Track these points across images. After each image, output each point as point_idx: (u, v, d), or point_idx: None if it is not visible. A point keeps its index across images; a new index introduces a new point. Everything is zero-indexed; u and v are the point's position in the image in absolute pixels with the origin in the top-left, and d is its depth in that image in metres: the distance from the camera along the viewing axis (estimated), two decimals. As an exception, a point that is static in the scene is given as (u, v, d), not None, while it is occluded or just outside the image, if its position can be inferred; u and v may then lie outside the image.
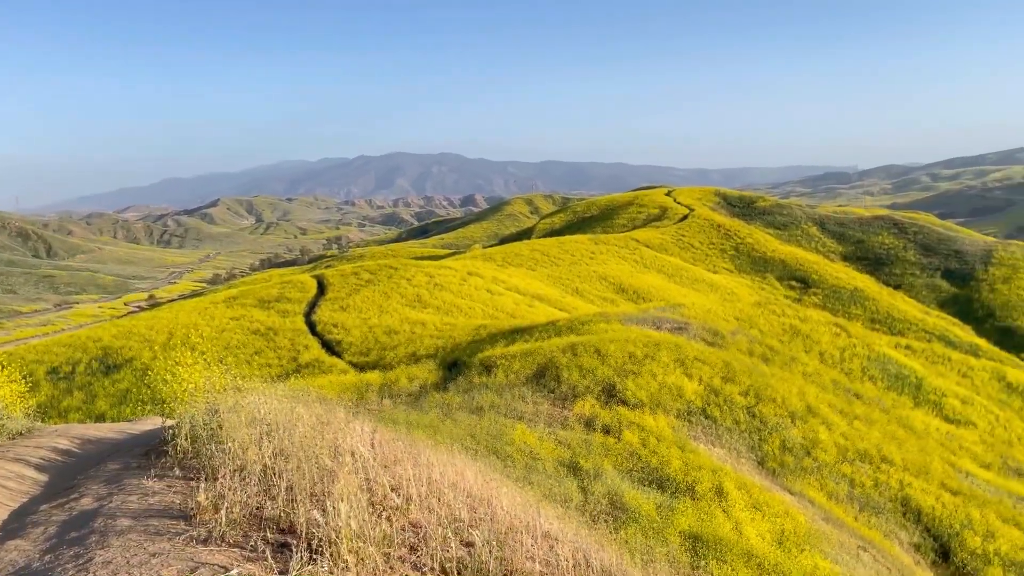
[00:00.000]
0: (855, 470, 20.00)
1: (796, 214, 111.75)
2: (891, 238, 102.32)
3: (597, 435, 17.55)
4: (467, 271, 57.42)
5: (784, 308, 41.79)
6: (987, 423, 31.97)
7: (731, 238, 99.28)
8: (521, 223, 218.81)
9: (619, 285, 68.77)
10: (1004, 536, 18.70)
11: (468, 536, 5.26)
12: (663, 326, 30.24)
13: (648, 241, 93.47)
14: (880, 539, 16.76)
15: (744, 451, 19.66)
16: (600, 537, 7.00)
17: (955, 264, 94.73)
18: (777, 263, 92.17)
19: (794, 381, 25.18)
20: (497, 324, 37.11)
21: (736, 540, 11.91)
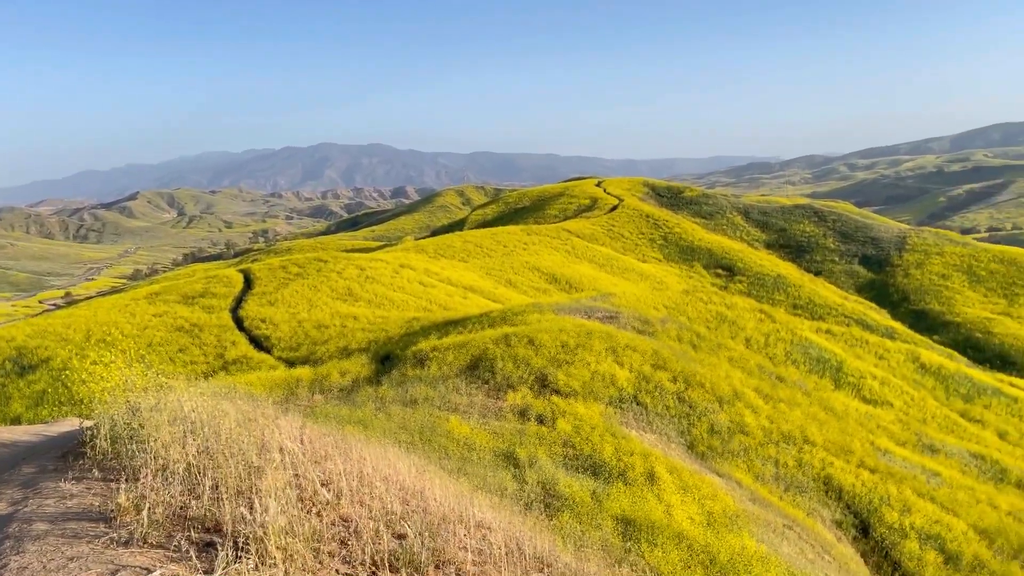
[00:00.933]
0: (780, 451, 20.63)
1: (722, 204, 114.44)
2: (812, 226, 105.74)
3: (531, 425, 17.65)
4: (399, 263, 56.96)
5: (711, 295, 42.77)
6: (903, 403, 33.41)
7: (660, 228, 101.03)
8: (453, 214, 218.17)
9: (552, 275, 69.27)
10: (919, 510, 19.59)
11: (400, 528, 5.23)
12: (595, 315, 30.58)
13: (579, 231, 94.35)
14: (804, 517, 17.35)
15: (674, 436, 20.06)
16: (534, 525, 7.04)
17: (871, 251, 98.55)
18: (704, 252, 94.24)
19: (721, 366, 25.81)
20: (430, 316, 36.94)
21: (667, 523, 12.16)
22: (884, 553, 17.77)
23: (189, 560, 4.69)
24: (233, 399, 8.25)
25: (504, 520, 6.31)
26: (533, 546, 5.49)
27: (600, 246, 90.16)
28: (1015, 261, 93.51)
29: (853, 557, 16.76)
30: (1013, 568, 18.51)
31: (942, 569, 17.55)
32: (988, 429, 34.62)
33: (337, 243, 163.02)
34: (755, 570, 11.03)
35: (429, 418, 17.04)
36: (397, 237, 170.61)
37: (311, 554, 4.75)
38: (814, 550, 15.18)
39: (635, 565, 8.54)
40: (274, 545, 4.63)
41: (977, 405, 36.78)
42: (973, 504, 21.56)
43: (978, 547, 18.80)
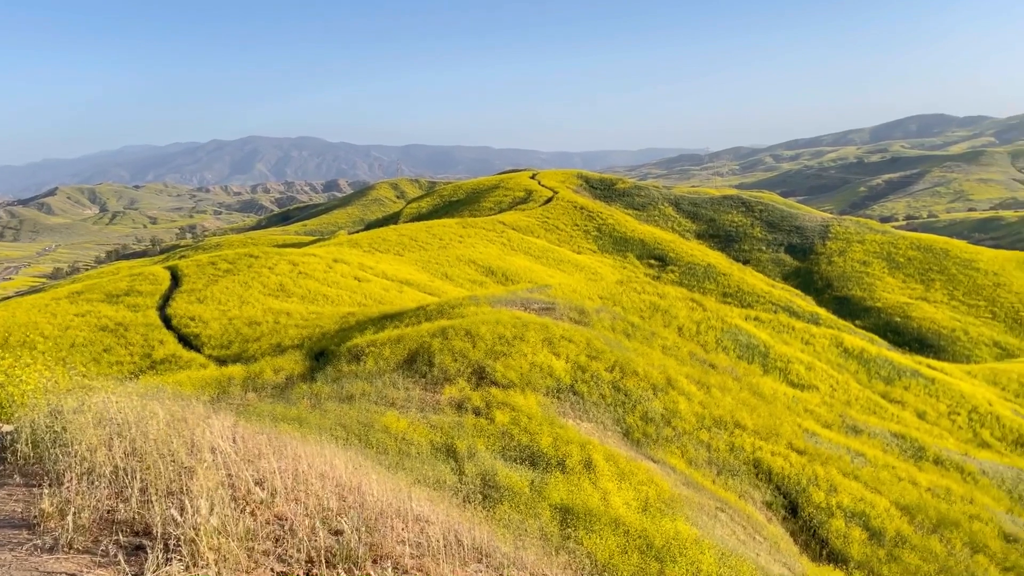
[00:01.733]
0: (712, 436, 21.14)
1: (653, 195, 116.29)
2: (740, 216, 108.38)
3: (469, 417, 17.68)
4: (333, 258, 56.18)
5: (644, 285, 43.49)
6: (828, 386, 34.59)
7: (594, 219, 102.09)
8: (387, 208, 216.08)
9: (488, 268, 69.35)
10: (845, 490, 20.33)
11: (337, 524, 5.19)
12: (532, 307, 30.75)
13: (515, 224, 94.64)
14: (736, 499, 17.83)
15: (610, 424, 20.36)
16: (473, 516, 7.07)
17: (797, 239, 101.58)
18: (637, 242, 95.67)
19: (655, 355, 26.28)
20: (366, 311, 36.56)
21: (604, 509, 12.35)
22: (812, 532, 18.40)
23: (117, 564, 4.57)
24: (162, 399, 8.04)
25: (443, 513, 6.32)
26: (472, 537, 5.52)
27: (536, 238, 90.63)
28: (931, 248, 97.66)
29: (783, 536, 17.31)
30: (932, 542, 19.39)
31: (867, 545, 18.27)
32: (908, 409, 36.15)
33: (268, 238, 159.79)
34: (689, 552, 11.30)
35: (366, 414, 16.90)
36: (330, 231, 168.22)
37: (245, 553, 4.68)
38: (745, 531, 15.63)
39: (573, 552, 8.67)
40: (206, 546, 4.54)
41: (897, 387, 38.34)
42: (895, 482, 22.48)
43: (900, 523, 19.63)
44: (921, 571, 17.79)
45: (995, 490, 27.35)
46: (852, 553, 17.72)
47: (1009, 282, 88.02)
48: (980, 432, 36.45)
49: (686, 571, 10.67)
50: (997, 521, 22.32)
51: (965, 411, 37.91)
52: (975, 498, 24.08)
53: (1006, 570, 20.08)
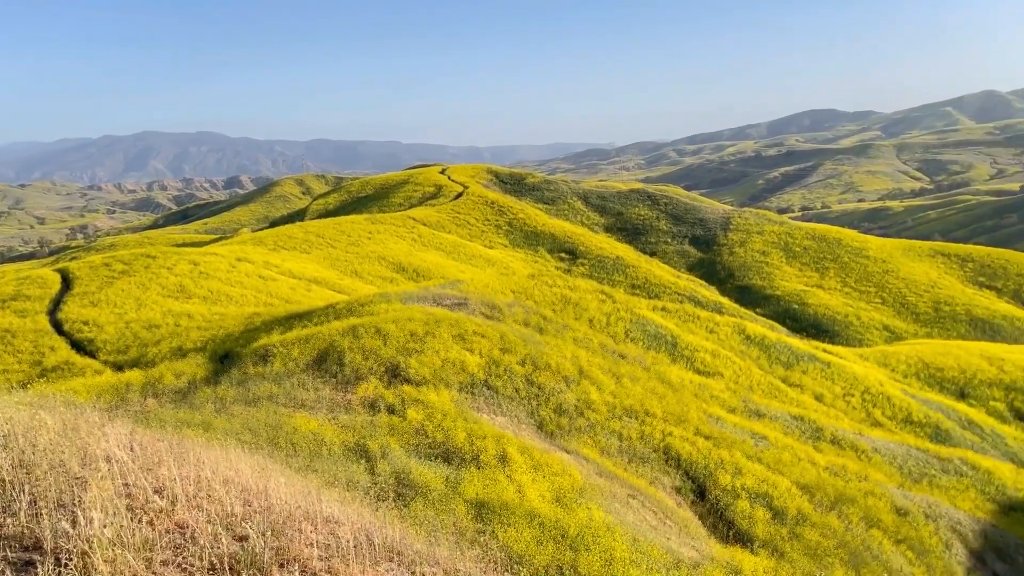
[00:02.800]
0: (623, 425, 21.57)
1: (563, 189, 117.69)
2: (646, 209, 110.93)
3: (382, 416, 17.47)
4: (236, 257, 54.51)
5: (556, 279, 43.90)
6: (732, 372, 35.81)
7: (504, 214, 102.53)
8: (293, 204, 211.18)
9: (398, 264, 68.70)
10: (749, 472, 21.10)
11: (241, 530, 5.02)
12: (443, 303, 30.63)
13: (425, 219, 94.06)
14: (646, 486, 18.26)
15: (524, 417, 20.50)
16: (386, 515, 6.98)
17: (700, 231, 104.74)
18: (547, 236, 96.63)
19: (567, 347, 26.61)
20: (272, 311, 35.63)
21: (519, 502, 12.43)
22: (719, 514, 19.02)
23: (4, 583, 4.30)
24: (53, 408, 7.60)
25: (354, 513, 6.21)
26: (384, 536, 5.44)
27: (447, 234, 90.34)
28: (824, 237, 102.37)
29: (692, 520, 17.82)
30: (831, 519, 20.35)
31: (770, 524, 19.01)
32: (806, 393, 37.81)
33: (167, 237, 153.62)
34: (602, 540, 11.49)
35: (274, 416, 16.47)
36: (233, 229, 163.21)
37: (143, 564, 4.47)
38: (656, 516, 16.02)
39: (487, 546, 8.67)
40: (100, 558, 4.32)
41: (796, 371, 40.04)
42: (795, 463, 23.48)
43: (801, 502, 20.52)
44: (821, 547, 18.63)
45: (887, 466, 28.95)
46: (757, 533, 18.41)
47: (896, 269, 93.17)
48: (872, 412, 38.47)
49: (599, 558, 10.84)
50: (889, 496, 23.62)
51: (859, 392, 39.93)
52: (869, 475, 25.42)
53: (898, 542, 21.29)
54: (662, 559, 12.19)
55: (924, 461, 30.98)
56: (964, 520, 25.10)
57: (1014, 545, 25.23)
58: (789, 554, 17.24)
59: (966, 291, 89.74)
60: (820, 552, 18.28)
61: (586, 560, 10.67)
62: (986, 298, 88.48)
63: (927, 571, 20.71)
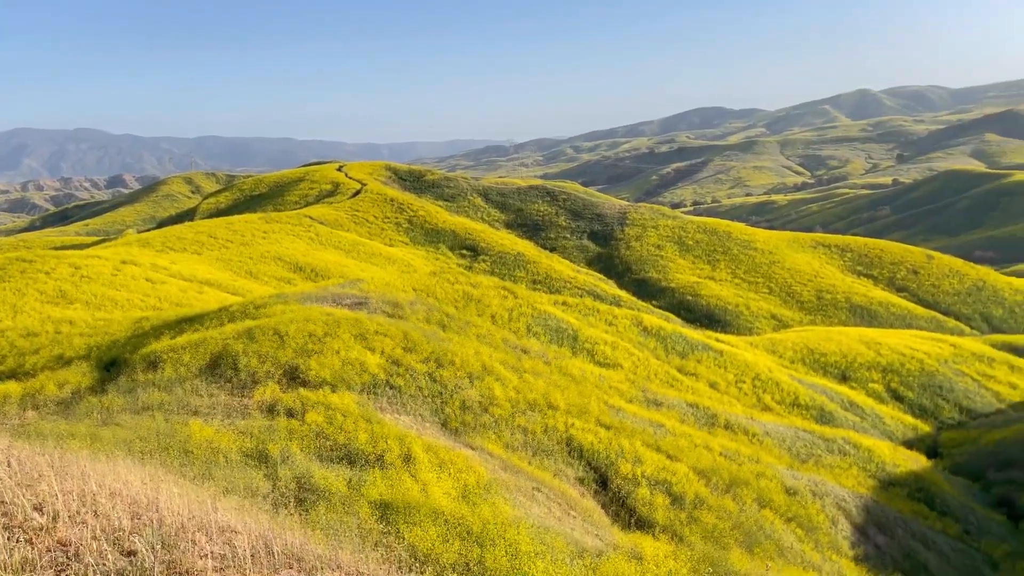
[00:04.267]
0: (527, 419, 21.79)
1: (463, 186, 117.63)
2: (545, 205, 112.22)
3: (281, 420, 17.05)
4: (121, 259, 51.93)
5: (457, 276, 43.85)
6: (631, 363, 36.72)
7: (404, 211, 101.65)
8: (181, 204, 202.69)
9: (295, 264, 67.05)
10: (649, 460, 21.71)
11: (130, 544, 4.78)
12: (343, 302, 30.12)
13: (323, 217, 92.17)
14: (551, 478, 18.52)
15: (428, 415, 20.42)
16: (286, 521, 6.81)
17: (598, 226, 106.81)
18: (448, 233, 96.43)
19: (470, 344, 26.64)
20: (162, 315, 34.12)
21: (424, 501, 12.38)
22: (621, 502, 19.50)
23: None
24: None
25: (252, 521, 6.03)
26: (284, 543, 5.30)
27: (345, 232, 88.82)
28: (715, 231, 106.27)
29: (595, 509, 18.19)
30: (726, 501, 21.18)
31: (670, 510, 19.63)
32: (701, 381, 39.18)
33: (44, 240, 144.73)
34: (508, 534, 11.58)
35: (166, 424, 15.81)
36: (117, 231, 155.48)
37: (22, 588, 4.20)
38: (561, 508, 16.27)
39: (392, 546, 8.60)
40: (-29, 585, 4.03)
41: (691, 361, 41.42)
42: (692, 449, 24.31)
43: (698, 486, 21.26)
44: (718, 529, 19.37)
45: (777, 449, 30.35)
46: (657, 518, 18.97)
47: (782, 260, 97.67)
48: (763, 397, 40.24)
49: (505, 552, 10.93)
50: (780, 477, 24.78)
51: (749, 379, 41.68)
52: (761, 457, 26.59)
53: (789, 520, 22.37)
54: (566, 550, 12.39)
55: (811, 442, 32.66)
56: (848, 497, 26.60)
57: (893, 519, 26.93)
58: (688, 538, 17.83)
59: (845, 280, 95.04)
60: (717, 534, 18.99)
61: (492, 555, 10.73)
62: (864, 286, 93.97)
63: (815, 547, 21.84)
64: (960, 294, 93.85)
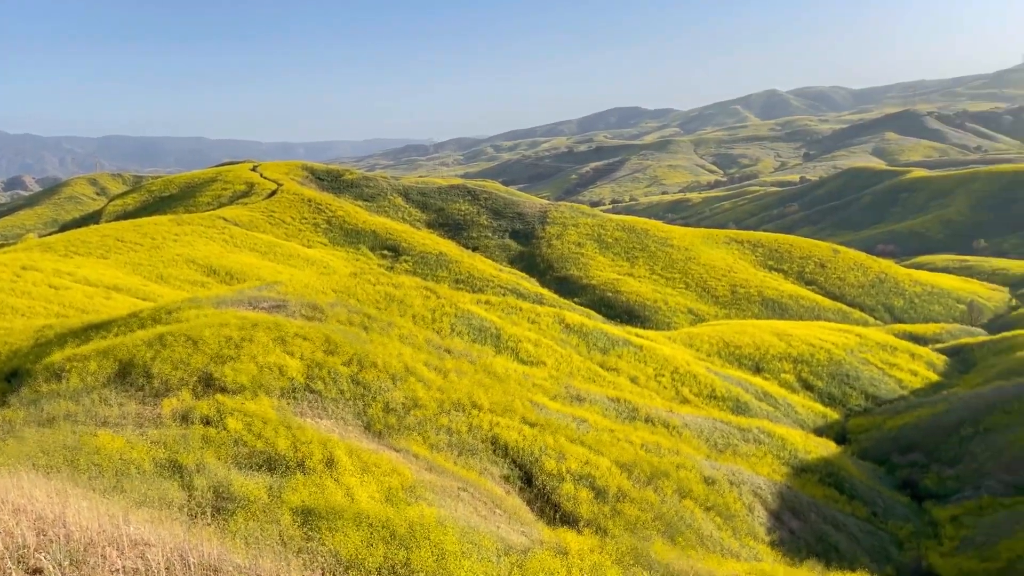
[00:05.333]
0: (452, 419, 21.75)
1: (382, 186, 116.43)
2: (466, 205, 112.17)
3: (197, 428, 16.53)
4: (21, 265, 49.41)
5: (379, 276, 43.39)
6: (554, 360, 37.07)
7: (323, 212, 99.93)
8: (86, 206, 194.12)
9: (209, 267, 65.06)
10: (572, 455, 21.97)
11: (36, 562, 4.56)
12: (261, 306, 29.43)
13: (237, 219, 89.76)
14: (476, 477, 18.53)
15: (351, 419, 20.14)
16: (203, 532, 6.61)
17: (520, 225, 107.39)
18: (369, 234, 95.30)
19: (392, 345, 26.40)
20: (67, 323, 32.62)
21: (348, 505, 12.22)
22: (546, 498, 19.68)
23: None
24: None
25: (167, 533, 5.83)
26: (200, 554, 5.14)
27: (262, 233, 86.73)
28: (634, 229, 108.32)
29: (521, 507, 18.31)
30: (648, 493, 21.63)
31: (594, 504, 19.92)
32: (622, 376, 39.87)
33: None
34: (433, 535, 11.54)
35: (73, 436, 15.13)
36: (16, 235, 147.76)
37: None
38: (486, 506, 16.31)
39: (315, 553, 8.45)
40: None
41: (612, 356, 42.10)
42: (614, 443, 24.72)
43: (620, 479, 21.64)
44: (640, 520, 19.76)
45: (696, 440, 31.15)
46: (582, 513, 19.22)
47: (697, 256, 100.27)
48: (681, 390, 41.23)
49: (431, 553, 10.89)
50: (699, 468, 25.44)
51: (668, 372, 42.64)
52: (680, 449, 27.25)
53: (708, 509, 22.99)
54: (493, 548, 12.42)
55: (728, 433, 33.64)
56: (763, 484, 27.53)
57: (806, 503, 28.01)
58: (612, 530, 18.14)
59: (758, 274, 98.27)
60: (639, 525, 19.38)
61: (418, 557, 10.68)
62: (775, 280, 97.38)
63: (733, 534, 22.52)
64: (864, 286, 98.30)
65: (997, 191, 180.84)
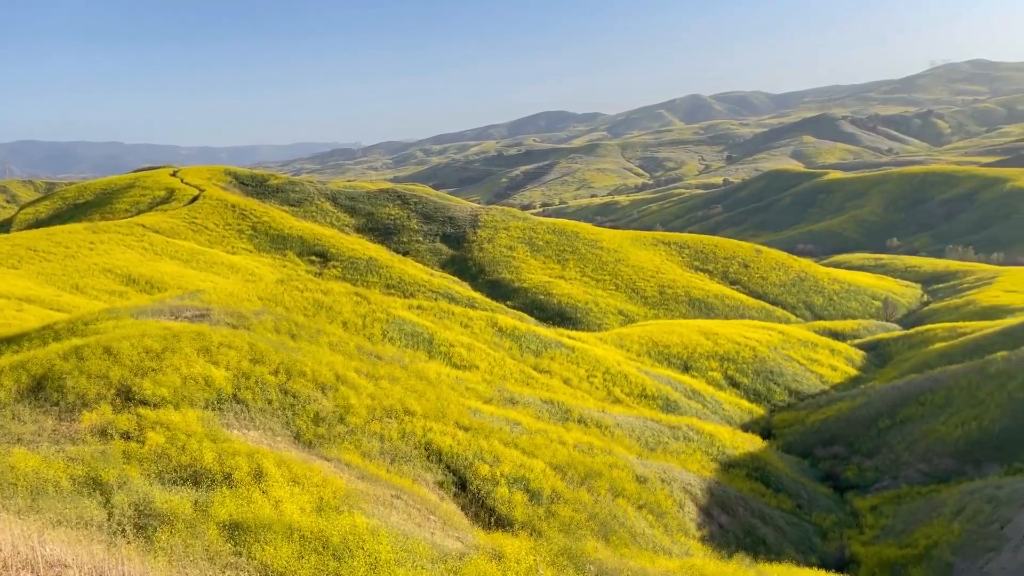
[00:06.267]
0: (384, 426, 21.51)
1: (309, 190, 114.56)
2: (396, 209, 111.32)
3: (117, 443, 15.92)
4: (-77, 277, 46.79)
5: (307, 283, 42.65)
6: (487, 364, 37.09)
7: (247, 217, 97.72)
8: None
9: (128, 276, 62.82)
10: (507, 458, 21.99)
11: (-62, 594, 4.31)
12: (183, 315, 28.58)
13: (157, 226, 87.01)
14: (410, 484, 18.36)
15: (279, 429, 19.72)
16: (124, 551, 6.36)
17: (450, 229, 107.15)
18: (296, 240, 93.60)
19: (322, 353, 25.97)
20: (-27, 336, 31.03)
21: (277, 517, 11.95)
22: (481, 502, 19.64)
23: None
24: None
25: (85, 553, 5.59)
26: (121, 573, 4.95)
27: (183, 240, 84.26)
28: (564, 231, 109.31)
29: (455, 512, 18.21)
30: (582, 493, 21.82)
31: (528, 506, 19.98)
32: (555, 378, 40.17)
33: None
34: (367, 545, 11.38)
35: (-17, 456, 14.37)
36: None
37: None
38: (421, 513, 16.18)
39: (242, 567, 8.23)
40: None
41: (545, 358, 42.38)
42: (548, 444, 24.86)
43: (555, 481, 21.77)
44: (574, 521, 19.92)
45: (627, 439, 31.60)
46: (516, 516, 19.26)
47: (627, 257, 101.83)
48: (613, 390, 41.79)
49: (364, 563, 10.74)
50: (631, 467, 25.81)
51: (600, 373, 43.17)
52: (613, 449, 27.59)
53: (640, 507, 23.34)
54: (427, 555, 12.33)
55: (658, 431, 34.24)
56: (694, 480, 28.11)
57: (734, 498, 28.71)
58: (546, 532, 18.22)
59: (685, 275, 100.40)
60: (574, 526, 19.53)
61: (350, 567, 10.52)
62: (701, 280, 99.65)
63: (665, 531, 22.92)
64: (786, 285, 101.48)
65: (908, 191, 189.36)
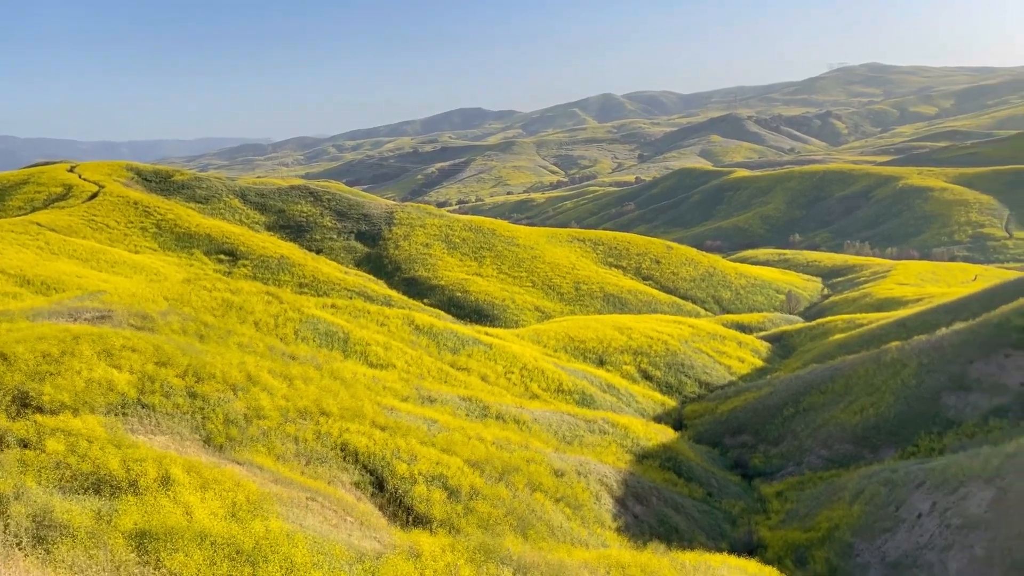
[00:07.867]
0: (298, 428, 21.10)
1: (217, 187, 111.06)
2: (309, 206, 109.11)
3: (13, 451, 15.12)
4: None
5: (215, 283, 41.35)
6: (404, 363, 36.83)
7: (151, 215, 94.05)
8: None
9: (22, 277, 59.47)
10: (424, 457, 21.91)
11: None
12: (83, 317, 27.33)
13: (53, 224, 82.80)
14: (325, 486, 18.09)
15: (188, 433, 19.10)
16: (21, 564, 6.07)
17: (365, 227, 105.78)
18: (203, 238, 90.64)
19: (232, 354, 25.27)
20: None
21: (187, 524, 11.59)
22: (399, 501, 19.52)
23: None
24: None
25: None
26: (18, 591, 4.71)
27: (82, 239, 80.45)
28: (481, 229, 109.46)
29: (373, 512, 18.05)
30: (500, 489, 21.94)
31: (447, 504, 19.97)
32: (473, 375, 40.22)
33: None
34: (282, 549, 11.18)
35: None
36: None
37: None
38: (337, 515, 15.96)
39: (151, 577, 7.96)
40: None
41: (463, 355, 42.38)
42: (466, 441, 24.88)
43: (473, 478, 21.82)
44: (492, 517, 20.02)
45: (545, 434, 31.94)
46: (435, 514, 19.23)
47: (543, 254, 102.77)
48: (530, 386, 42.13)
49: (279, 567, 10.54)
50: (548, 461, 26.10)
51: (518, 369, 43.46)
52: (530, 444, 27.84)
53: (558, 500, 23.65)
54: (344, 556, 12.19)
55: (574, 425, 34.74)
56: (609, 472, 28.65)
57: (648, 488, 29.41)
58: (465, 529, 18.26)
59: (599, 271, 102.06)
60: (492, 522, 19.64)
61: (265, 572, 10.32)
62: (615, 276, 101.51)
63: (582, 523, 23.30)
64: (695, 280, 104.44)
65: (808, 189, 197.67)
